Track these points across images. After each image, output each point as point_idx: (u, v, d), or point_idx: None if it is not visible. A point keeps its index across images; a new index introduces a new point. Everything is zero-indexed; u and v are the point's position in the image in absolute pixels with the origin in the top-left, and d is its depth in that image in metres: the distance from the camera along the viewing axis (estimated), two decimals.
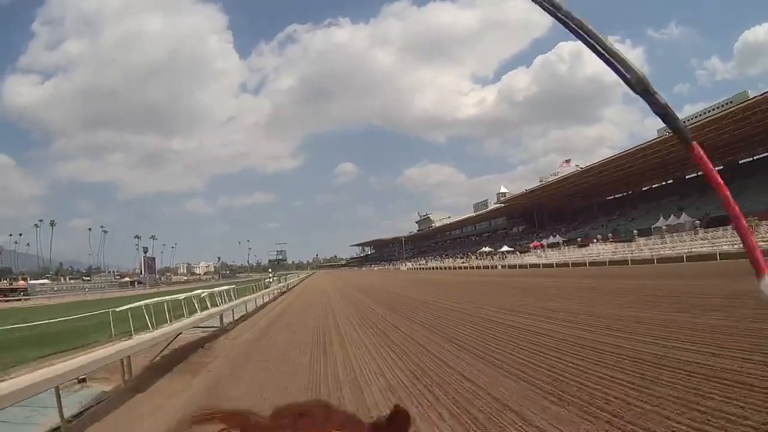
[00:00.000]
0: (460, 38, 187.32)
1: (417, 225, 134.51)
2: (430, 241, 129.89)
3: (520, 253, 57.50)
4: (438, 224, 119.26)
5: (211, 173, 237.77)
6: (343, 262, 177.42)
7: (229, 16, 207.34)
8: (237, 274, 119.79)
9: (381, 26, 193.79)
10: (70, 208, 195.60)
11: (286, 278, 45.31)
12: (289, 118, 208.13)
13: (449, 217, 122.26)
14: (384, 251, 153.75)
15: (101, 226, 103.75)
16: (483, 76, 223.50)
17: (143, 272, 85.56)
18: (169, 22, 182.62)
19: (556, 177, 62.35)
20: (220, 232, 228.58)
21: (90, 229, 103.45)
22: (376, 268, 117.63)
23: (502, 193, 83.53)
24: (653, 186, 59.30)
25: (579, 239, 53.14)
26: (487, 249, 69.37)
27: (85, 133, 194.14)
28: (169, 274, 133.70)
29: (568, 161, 78.35)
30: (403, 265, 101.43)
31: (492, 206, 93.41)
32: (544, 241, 59.61)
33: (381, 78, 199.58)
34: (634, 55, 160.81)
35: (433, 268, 71.66)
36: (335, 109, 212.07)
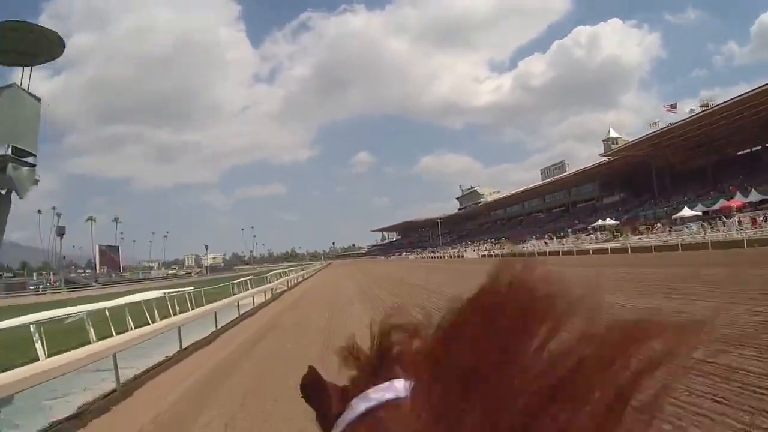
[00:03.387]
0: (476, 24, 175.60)
1: (458, 202, 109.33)
2: (473, 222, 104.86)
3: (709, 222, 32.56)
4: (489, 198, 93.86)
5: (225, 165, 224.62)
6: (364, 251, 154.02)
7: (242, 6, 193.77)
8: (235, 267, 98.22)
9: (396, 12, 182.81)
10: (83, 203, 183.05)
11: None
12: (303, 107, 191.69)
13: (499, 192, 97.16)
14: (413, 236, 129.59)
15: (53, 207, 79.80)
16: (499, 62, 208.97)
17: (96, 265, 62.03)
18: (181, 12, 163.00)
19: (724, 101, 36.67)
20: (235, 223, 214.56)
21: (40, 212, 79.41)
22: (411, 257, 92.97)
23: (612, 138, 56.81)
24: None
25: None
26: (610, 221, 44.28)
27: (98, 127, 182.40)
28: (175, 267, 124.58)
29: (674, 106, 52.50)
30: (457, 249, 76.75)
31: (570, 170, 67.99)
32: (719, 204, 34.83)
33: (397, 65, 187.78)
34: (650, 39, 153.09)
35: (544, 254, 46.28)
36: (350, 97, 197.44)
